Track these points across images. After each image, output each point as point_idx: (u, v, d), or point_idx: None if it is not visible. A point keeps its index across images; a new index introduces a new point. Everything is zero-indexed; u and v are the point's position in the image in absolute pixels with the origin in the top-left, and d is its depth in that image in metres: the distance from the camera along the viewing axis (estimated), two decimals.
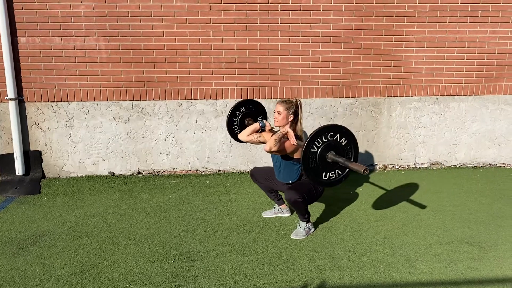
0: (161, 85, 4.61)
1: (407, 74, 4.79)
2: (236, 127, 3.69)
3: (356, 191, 4.31)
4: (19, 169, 4.54)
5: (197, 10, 4.46)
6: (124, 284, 2.65)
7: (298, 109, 3.14)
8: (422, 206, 3.88)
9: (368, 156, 4.97)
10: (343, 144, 2.74)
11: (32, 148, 4.63)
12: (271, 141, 3.00)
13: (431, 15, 4.65)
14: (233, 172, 4.87)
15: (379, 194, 4.22)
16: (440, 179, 4.64)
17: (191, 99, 4.66)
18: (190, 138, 4.76)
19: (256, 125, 3.27)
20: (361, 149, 4.93)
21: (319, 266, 2.84)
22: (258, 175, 3.54)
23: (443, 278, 2.70)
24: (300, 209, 3.20)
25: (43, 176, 4.68)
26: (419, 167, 5.04)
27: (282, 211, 3.68)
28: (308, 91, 4.71)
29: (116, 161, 4.74)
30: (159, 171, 4.82)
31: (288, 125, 3.14)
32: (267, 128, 3.29)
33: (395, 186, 4.44)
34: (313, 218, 3.55)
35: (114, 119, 4.64)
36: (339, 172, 2.78)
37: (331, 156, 2.70)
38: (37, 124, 4.58)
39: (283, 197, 3.66)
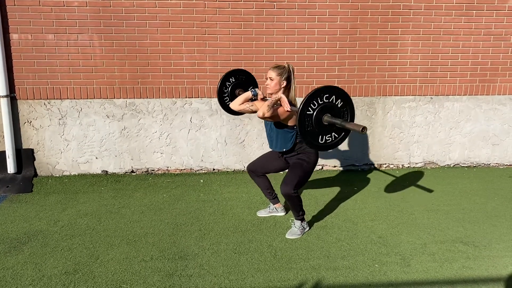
0: (155, 83, 4.58)
1: (402, 73, 4.80)
2: (227, 99, 3.55)
3: (350, 190, 4.30)
4: (11, 167, 4.48)
5: (192, 8, 4.44)
6: (117, 284, 2.63)
7: (291, 74, 3.06)
8: (417, 206, 3.89)
9: (363, 155, 4.97)
10: (339, 106, 2.65)
11: (24, 146, 4.58)
12: (264, 106, 2.91)
13: (426, 15, 4.66)
14: (227, 171, 4.85)
15: (374, 193, 4.23)
16: (434, 179, 4.65)
17: (186, 97, 4.64)
18: (184, 136, 4.73)
19: (248, 94, 3.16)
20: (355, 148, 4.94)
21: (314, 266, 2.84)
22: (254, 166, 3.50)
23: (438, 277, 2.70)
24: (294, 205, 3.19)
25: (36, 175, 4.63)
26: (414, 167, 5.05)
27: (276, 210, 3.66)
28: (303, 90, 4.70)
29: (110, 160, 4.70)
30: (153, 170, 4.79)
31: (281, 92, 3.05)
32: (259, 96, 3.19)
33: (390, 186, 4.44)
34: (308, 217, 3.55)
35: (108, 117, 4.60)
36: (335, 135, 2.70)
37: (327, 118, 2.61)
38: (29, 121, 4.53)
39: (279, 194, 3.66)
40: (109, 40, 4.43)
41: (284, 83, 3.06)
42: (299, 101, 2.80)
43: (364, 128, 2.42)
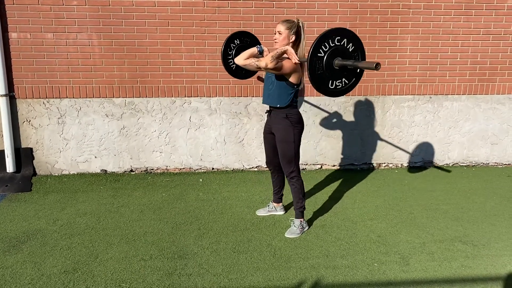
0: (155, 82, 4.57)
1: (401, 73, 4.80)
2: (231, 61, 3.51)
3: (350, 189, 4.31)
4: (10, 167, 4.48)
5: (191, 7, 4.43)
6: (117, 283, 2.63)
7: (300, 29, 2.97)
8: (416, 205, 3.90)
9: (362, 154, 4.97)
10: (350, 50, 2.59)
11: (23, 145, 4.57)
12: (268, 56, 2.82)
13: (425, 14, 4.66)
14: (226, 170, 4.85)
15: (373, 192, 4.23)
16: (433, 178, 4.66)
17: (185, 96, 4.64)
18: (183, 135, 4.73)
19: (254, 49, 3.09)
20: (354, 148, 4.94)
21: (313, 265, 2.84)
22: (266, 159, 3.48)
23: (437, 276, 2.71)
24: (297, 191, 3.22)
25: (34, 174, 4.62)
26: (413, 166, 5.06)
27: (275, 209, 3.66)
28: (302, 89, 4.70)
29: (109, 159, 4.70)
30: (152, 169, 4.79)
31: (290, 46, 2.97)
32: (265, 53, 3.11)
33: (389, 185, 4.45)
34: (307, 216, 3.55)
35: (107, 116, 4.60)
36: (345, 80, 2.65)
37: (338, 62, 2.55)
38: (28, 121, 4.52)
39: (280, 194, 3.65)
40: (108, 39, 4.43)
41: (293, 38, 2.98)
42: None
43: (378, 64, 2.33)
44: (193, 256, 2.95)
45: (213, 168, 4.85)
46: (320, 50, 2.51)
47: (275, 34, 3.01)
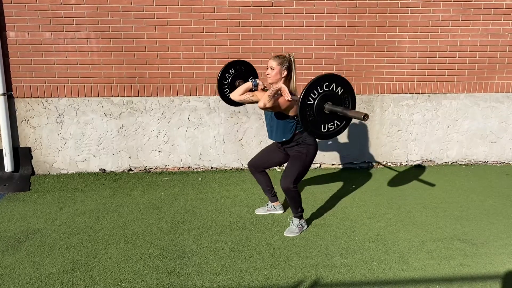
0: (153, 81, 4.56)
1: (400, 71, 4.80)
2: (227, 90, 3.54)
3: (349, 188, 4.31)
4: (8, 166, 4.47)
5: (189, 6, 4.42)
6: (116, 282, 2.63)
7: (292, 64, 3.04)
8: (414, 203, 3.90)
9: (361, 153, 4.98)
10: (339, 94, 2.64)
11: (22, 145, 4.56)
12: (265, 97, 2.90)
13: (424, 13, 4.66)
14: (225, 169, 4.85)
15: (372, 191, 4.23)
16: (432, 176, 4.66)
17: (184, 95, 4.63)
18: (182, 135, 4.72)
19: (249, 84, 3.15)
20: (353, 146, 4.94)
21: (312, 263, 2.84)
22: (255, 161, 3.50)
23: (436, 275, 2.71)
24: (294, 201, 3.19)
25: (33, 173, 4.61)
26: (411, 164, 5.06)
27: (275, 208, 3.66)
28: (301, 88, 4.69)
29: (107, 158, 4.69)
30: (150, 168, 4.78)
31: (282, 81, 3.03)
32: (259, 87, 3.18)
33: (388, 183, 4.45)
34: (306, 215, 3.55)
35: (105, 115, 4.59)
36: (337, 122, 2.69)
37: (328, 107, 2.60)
38: (26, 120, 4.51)
39: (278, 193, 3.65)
40: (106, 38, 4.42)
41: (285, 73, 3.03)
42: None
43: (366, 115, 2.39)
44: (192, 255, 2.95)
45: (212, 167, 4.85)
46: (310, 98, 2.57)
47: (267, 69, 3.06)
